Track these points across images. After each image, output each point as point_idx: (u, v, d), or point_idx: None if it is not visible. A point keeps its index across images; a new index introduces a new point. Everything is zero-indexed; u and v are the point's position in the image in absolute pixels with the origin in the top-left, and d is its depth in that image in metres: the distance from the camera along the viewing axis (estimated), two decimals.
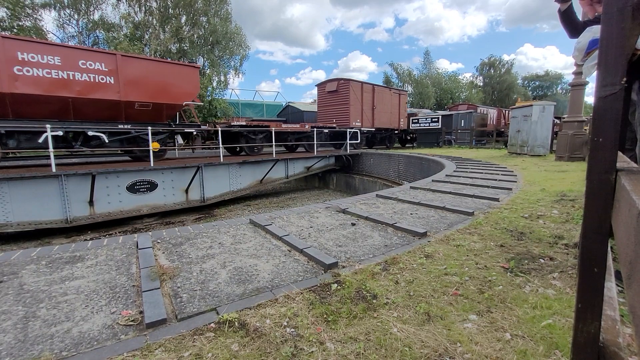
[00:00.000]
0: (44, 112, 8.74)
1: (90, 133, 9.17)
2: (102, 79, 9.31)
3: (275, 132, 13.33)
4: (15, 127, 8.13)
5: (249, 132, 13.10)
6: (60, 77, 8.65)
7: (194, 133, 11.75)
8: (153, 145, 9.75)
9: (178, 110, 11.61)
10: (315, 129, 14.89)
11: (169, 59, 12.27)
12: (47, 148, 8.14)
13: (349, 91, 17.20)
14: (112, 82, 9.45)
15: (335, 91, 17.79)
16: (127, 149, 10.15)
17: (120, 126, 9.76)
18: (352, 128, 17.08)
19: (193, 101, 11.88)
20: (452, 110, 24.99)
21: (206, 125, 13.05)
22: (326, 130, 16.29)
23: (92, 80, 9.13)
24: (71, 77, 8.81)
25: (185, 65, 11.51)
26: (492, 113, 26.90)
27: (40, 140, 8.25)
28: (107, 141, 9.54)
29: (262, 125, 13.82)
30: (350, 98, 17.21)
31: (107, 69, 9.35)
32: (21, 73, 8.12)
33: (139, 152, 10.35)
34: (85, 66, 9.00)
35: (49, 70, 8.47)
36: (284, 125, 14.96)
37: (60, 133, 8.64)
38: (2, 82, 7.86)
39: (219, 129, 11.65)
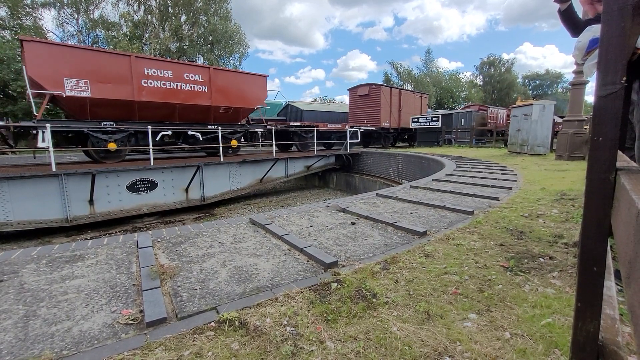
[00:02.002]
0: (158, 115, 10.81)
1: (190, 132, 11.10)
2: (199, 88, 11.42)
3: (321, 131, 15.87)
4: (141, 129, 10.02)
5: (302, 131, 15.34)
6: (171, 87, 10.77)
7: (260, 131, 13.59)
8: (232, 143, 12.28)
9: (250, 113, 13.73)
10: (351, 129, 16.74)
11: (245, 70, 14.11)
12: (161, 145, 10.86)
13: (380, 95, 19.30)
14: (206, 90, 11.58)
15: (366, 95, 19.86)
16: (212, 145, 11.71)
17: (209, 127, 11.72)
18: (383, 127, 19.63)
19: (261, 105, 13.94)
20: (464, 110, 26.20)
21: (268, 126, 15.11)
22: (362, 130, 17.94)
23: (192, 89, 11.26)
24: (179, 87, 10.93)
25: (257, 75, 13.49)
26: (502, 113, 26.91)
27: (157, 138, 10.33)
28: (201, 139, 11.45)
29: (311, 125, 16.06)
30: (381, 101, 19.30)
31: (202, 80, 11.47)
32: (146, 85, 10.19)
33: (224, 148, 12.12)
34: (188, 78, 11.12)
35: (164, 82, 10.58)
36: (329, 126, 17.14)
37: (169, 133, 10.67)
38: (133, 92, 9.90)
39: (279, 128, 14.03)
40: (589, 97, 29.68)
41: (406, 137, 22.78)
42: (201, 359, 1.49)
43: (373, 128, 19.03)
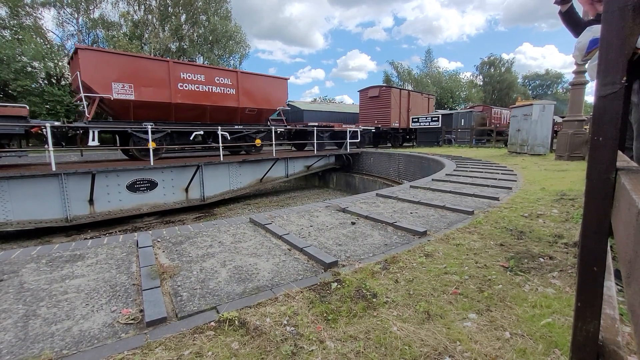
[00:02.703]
0: (191, 116, 11.65)
1: (219, 132, 11.62)
2: (228, 90, 12.31)
3: (337, 130, 16.78)
4: (177, 128, 11.13)
5: (319, 131, 15.96)
6: (203, 90, 11.62)
7: (281, 131, 14.66)
8: (257, 142, 13.18)
9: (272, 114, 14.70)
10: (359, 129, 17.77)
11: (268, 74, 14.83)
12: (196, 144, 11.80)
13: (390, 96, 20.03)
14: (234, 93, 12.49)
15: (377, 96, 20.52)
16: (238, 144, 12.88)
17: (236, 126, 12.81)
18: (393, 127, 20.65)
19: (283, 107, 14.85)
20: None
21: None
22: (374, 130, 19.48)
23: (222, 92, 12.14)
24: (210, 90, 11.78)
25: (279, 77, 14.48)
26: (506, 113, 26.90)
27: (191, 137, 11.44)
28: (229, 138, 12.37)
29: (328, 125, 17.16)
30: (391, 102, 20.03)
31: (231, 83, 12.36)
32: (182, 88, 11.03)
33: (245, 147, 13.36)
34: (219, 81, 12.02)
35: (197, 85, 11.43)
36: (344, 126, 18.02)
37: (201, 132, 11.75)
38: (170, 95, 10.75)
39: (299, 128, 15.10)
40: (589, 98, 29.68)
41: (414, 136, 23.17)
42: (201, 358, 1.49)
43: (387, 128, 20.21)
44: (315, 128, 15.24)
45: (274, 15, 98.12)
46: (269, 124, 14.28)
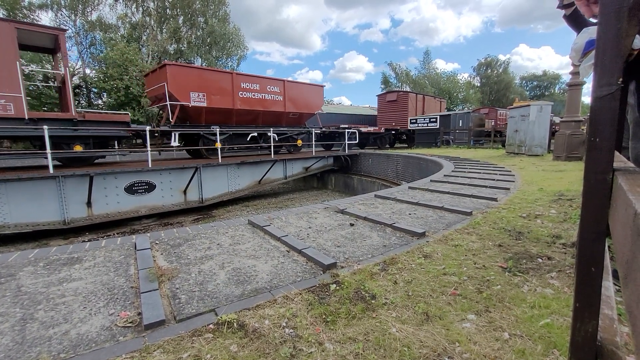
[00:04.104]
0: (246, 120, 13.52)
1: (269, 134, 13.54)
2: (277, 97, 14.08)
3: (362, 131, 18.49)
4: (237, 130, 13.05)
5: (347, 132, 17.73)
6: (258, 97, 13.41)
7: (316, 132, 16.06)
8: (298, 142, 15.04)
9: (310, 118, 16.41)
10: (386, 129, 20.22)
11: (308, 82, 16.62)
12: (253, 144, 13.71)
13: (407, 100, 21.96)
14: (281, 99, 14.26)
15: (395, 100, 22.50)
16: (283, 144, 14.64)
17: (282, 129, 14.58)
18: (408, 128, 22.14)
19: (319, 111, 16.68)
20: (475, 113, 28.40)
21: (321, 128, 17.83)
22: (393, 132, 21.21)
23: (272, 98, 13.92)
24: (263, 97, 13.57)
25: (316, 85, 16.59)
26: None
27: (248, 138, 13.42)
28: (277, 139, 14.21)
29: (351, 127, 18.52)
30: (408, 106, 21.91)
31: (279, 90, 14.11)
32: (241, 96, 12.80)
33: (289, 146, 15.19)
34: (270, 89, 13.79)
35: (253, 93, 13.24)
36: (369, 128, 19.96)
37: (255, 134, 13.56)
38: (233, 102, 12.52)
39: (331, 130, 16.82)
40: (586, 98, 29.84)
41: None
42: None
43: (404, 129, 21.85)
44: (345, 130, 17.02)
45: (271, 17, 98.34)
46: (307, 126, 16.36)
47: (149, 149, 9.49)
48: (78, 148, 9.00)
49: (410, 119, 21.38)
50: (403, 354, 1.51)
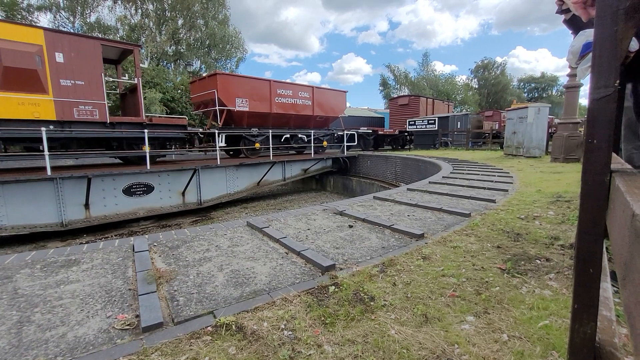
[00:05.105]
0: (280, 123, 14.73)
1: (299, 135, 15.22)
2: (306, 102, 15.34)
3: (382, 134, 20.45)
4: (274, 132, 13.93)
5: (366, 134, 19.19)
6: (291, 102, 14.64)
7: (340, 134, 17.17)
8: (324, 143, 16.23)
9: (334, 121, 17.58)
10: (400, 132, 21.51)
11: (333, 88, 17.62)
12: (286, 145, 14.91)
13: (419, 104, 22.90)
14: (310, 104, 15.48)
15: (406, 104, 23.56)
16: (308, 145, 15.39)
17: (311, 131, 15.38)
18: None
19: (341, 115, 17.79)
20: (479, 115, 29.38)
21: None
22: (406, 134, 22.21)
23: (303, 103, 15.17)
24: (295, 102, 14.82)
25: (340, 90, 17.57)
26: None
27: (282, 139, 14.65)
28: (305, 140, 15.45)
29: (374, 130, 20.16)
30: (419, 109, 22.78)
31: (308, 96, 15.36)
32: (277, 101, 14.03)
33: (315, 147, 15.72)
34: (301, 95, 15.06)
35: (287, 99, 14.47)
36: (385, 130, 21.80)
37: (288, 135, 14.86)
38: (270, 106, 13.74)
39: (352, 132, 17.30)
40: (584, 100, 30.01)
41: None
42: None
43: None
44: (364, 132, 18.36)
45: (270, 19, 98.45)
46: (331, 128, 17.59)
47: (217, 147, 11.32)
48: (146, 148, 9.61)
49: (409, 121, 21.43)
50: (402, 356, 1.50)
